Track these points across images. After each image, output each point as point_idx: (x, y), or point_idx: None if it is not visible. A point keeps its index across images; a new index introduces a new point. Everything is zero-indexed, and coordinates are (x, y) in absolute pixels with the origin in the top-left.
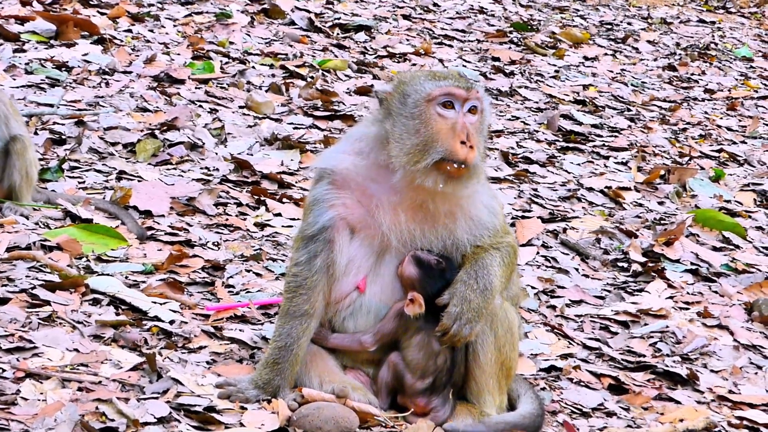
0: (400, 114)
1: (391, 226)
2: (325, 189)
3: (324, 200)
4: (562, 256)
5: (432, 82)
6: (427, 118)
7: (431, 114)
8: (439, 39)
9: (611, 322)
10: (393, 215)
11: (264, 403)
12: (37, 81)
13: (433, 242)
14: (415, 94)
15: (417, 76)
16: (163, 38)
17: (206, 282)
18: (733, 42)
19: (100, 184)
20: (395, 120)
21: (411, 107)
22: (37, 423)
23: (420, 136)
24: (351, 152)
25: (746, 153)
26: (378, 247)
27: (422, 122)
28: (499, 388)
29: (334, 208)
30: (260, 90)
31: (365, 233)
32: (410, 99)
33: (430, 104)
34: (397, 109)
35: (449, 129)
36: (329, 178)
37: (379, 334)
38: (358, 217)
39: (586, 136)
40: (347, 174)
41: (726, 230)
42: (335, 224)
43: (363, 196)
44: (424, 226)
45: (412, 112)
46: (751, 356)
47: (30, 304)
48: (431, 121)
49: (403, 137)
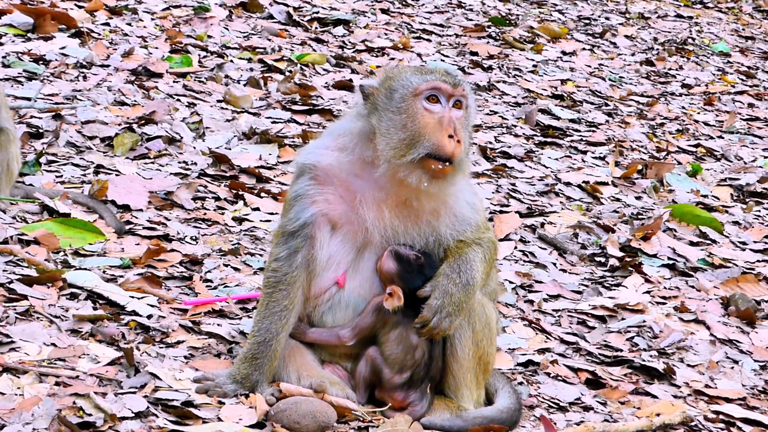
0: (387, 108)
1: (375, 222)
2: (306, 184)
3: (306, 196)
4: (539, 251)
5: (419, 77)
6: (413, 112)
7: (418, 108)
8: (418, 33)
9: (588, 316)
10: (377, 211)
11: (242, 397)
12: (15, 74)
13: (416, 238)
14: (402, 88)
15: (404, 70)
16: (141, 32)
17: (184, 276)
18: (710, 37)
19: (78, 178)
20: (381, 115)
21: (398, 101)
22: (14, 417)
23: (407, 130)
24: (334, 147)
25: (723, 148)
26: (359, 243)
27: (409, 116)
28: (477, 382)
29: (315, 204)
30: (238, 84)
31: (347, 229)
32: (397, 93)
33: (417, 98)
34: (384, 104)
35: (436, 123)
36: (311, 174)
37: (357, 329)
38: (341, 212)
39: (564, 131)
40: (330, 169)
41: (703, 225)
42: (316, 220)
43: (346, 192)
44: (407, 222)
45: (399, 106)
46: (728, 351)
47: (7, 298)
48: (418, 116)
49: (389, 132)
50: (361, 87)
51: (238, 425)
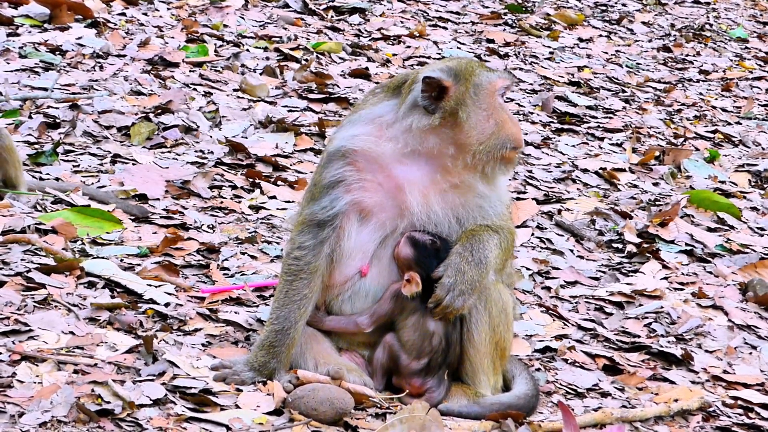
0: (474, 104)
1: (420, 209)
2: (344, 170)
3: (342, 182)
4: (556, 238)
5: (493, 74)
6: (496, 107)
7: (499, 104)
8: (434, 21)
9: (606, 302)
10: (422, 198)
11: (259, 385)
12: (31, 65)
13: (456, 227)
14: (488, 85)
15: (474, 65)
16: (157, 21)
17: (201, 264)
18: (727, 23)
19: (95, 167)
20: (470, 110)
21: (483, 97)
22: (33, 405)
23: (494, 124)
24: (377, 135)
25: (741, 134)
26: (388, 231)
27: (494, 111)
28: (494, 368)
29: (350, 193)
30: (254, 73)
31: (379, 217)
32: (482, 90)
33: (495, 94)
34: (471, 100)
35: (510, 117)
36: (349, 159)
37: (375, 316)
38: (376, 200)
39: (581, 118)
40: (372, 155)
41: (721, 211)
42: (348, 209)
43: (386, 179)
44: (455, 208)
45: (486, 101)
46: (746, 336)
47: (25, 287)
48: (499, 111)
49: (478, 126)
50: (431, 79)
51: (255, 412)
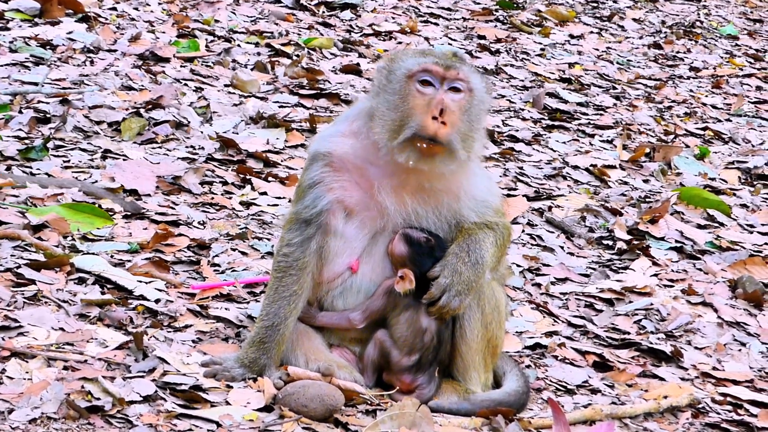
0: (385, 90)
1: (396, 209)
2: (321, 171)
3: (321, 183)
4: (547, 234)
5: (414, 59)
6: (406, 94)
7: (410, 90)
8: (425, 17)
9: (596, 299)
10: (396, 197)
11: (250, 381)
12: (22, 59)
13: (437, 223)
14: (399, 70)
15: (404, 53)
16: (148, 16)
17: (192, 261)
18: (718, 20)
19: (85, 163)
20: (380, 97)
21: (394, 83)
22: (23, 401)
23: (398, 111)
24: (348, 134)
25: (731, 131)
26: (376, 229)
27: (402, 98)
28: (485, 365)
29: (332, 192)
30: (245, 68)
31: (363, 215)
32: (394, 75)
33: (411, 80)
34: (383, 86)
35: (424, 105)
36: (325, 161)
37: (367, 312)
38: (357, 199)
39: (572, 115)
40: (345, 156)
41: (710, 208)
42: (332, 207)
43: (361, 179)
44: (428, 207)
45: (394, 88)
46: (735, 333)
47: (15, 283)
48: (409, 97)
49: (384, 113)
50: (378, 68)
51: (246, 409)
